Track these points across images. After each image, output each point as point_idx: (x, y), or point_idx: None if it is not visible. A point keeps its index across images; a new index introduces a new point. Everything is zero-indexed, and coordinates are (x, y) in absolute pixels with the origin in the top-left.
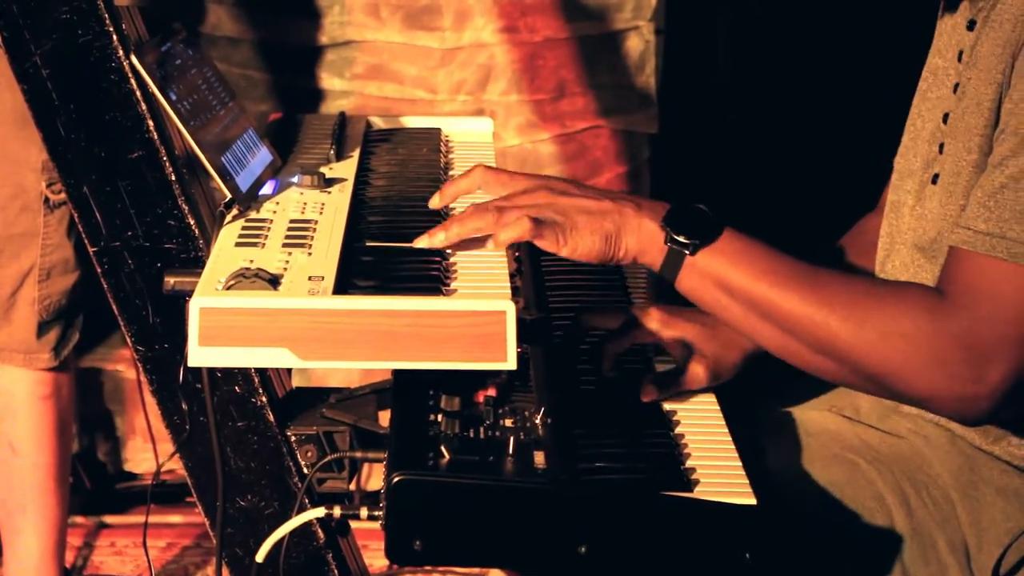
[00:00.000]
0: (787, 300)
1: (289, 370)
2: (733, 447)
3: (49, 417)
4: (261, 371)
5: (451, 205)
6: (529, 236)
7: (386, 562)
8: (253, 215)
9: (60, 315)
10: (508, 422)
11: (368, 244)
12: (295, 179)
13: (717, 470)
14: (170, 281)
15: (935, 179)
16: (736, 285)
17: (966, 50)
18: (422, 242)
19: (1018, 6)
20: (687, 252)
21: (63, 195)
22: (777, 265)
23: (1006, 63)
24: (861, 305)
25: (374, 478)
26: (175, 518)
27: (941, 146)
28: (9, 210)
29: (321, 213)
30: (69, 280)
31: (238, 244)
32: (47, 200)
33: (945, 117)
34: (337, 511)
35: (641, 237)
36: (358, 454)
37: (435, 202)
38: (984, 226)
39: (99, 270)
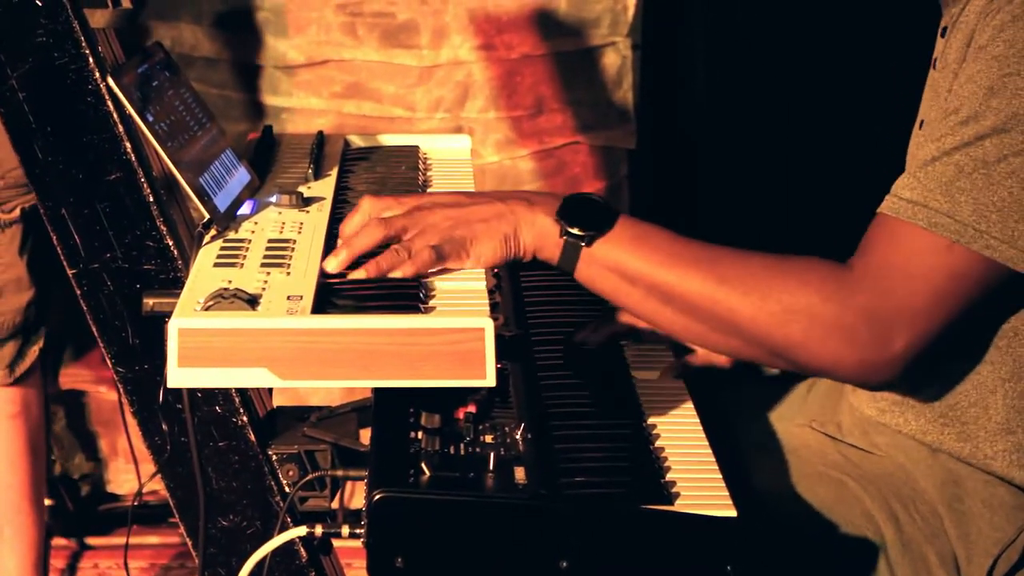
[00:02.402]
0: (686, 281)
1: (270, 389)
2: (714, 460)
3: (20, 434)
4: (242, 391)
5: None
6: (433, 265)
7: None
8: (231, 235)
9: (15, 333)
10: (488, 438)
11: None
12: (273, 199)
13: (698, 483)
14: (149, 302)
15: None
16: (634, 271)
17: (940, 56)
18: (332, 265)
19: (980, 5)
20: (583, 244)
21: (14, 214)
22: (675, 248)
23: (963, 54)
24: (762, 281)
25: (356, 496)
26: (157, 539)
27: None
28: None
29: (300, 232)
30: (23, 299)
31: (216, 264)
32: None
33: (921, 124)
34: (319, 529)
35: (536, 233)
36: (339, 472)
37: (332, 266)
38: (909, 194)
39: (78, 292)
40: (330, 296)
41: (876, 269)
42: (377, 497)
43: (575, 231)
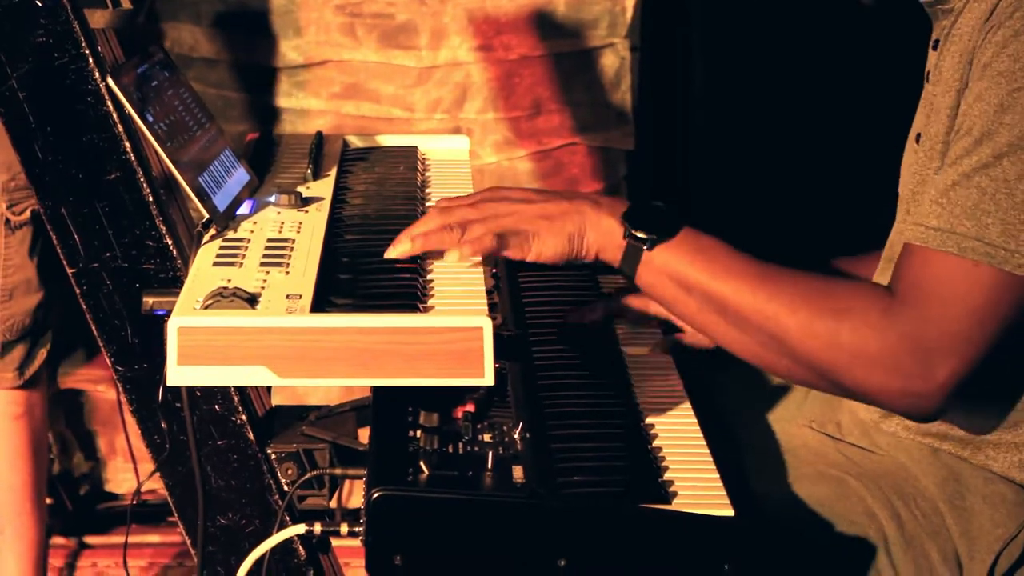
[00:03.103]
0: (740, 296)
1: (269, 388)
2: (711, 459)
3: (22, 436)
4: (241, 390)
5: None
6: (494, 251)
7: None
8: (231, 235)
9: (24, 335)
10: (487, 437)
11: (345, 262)
12: (272, 198)
13: (695, 482)
14: (148, 301)
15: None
16: (692, 280)
17: (932, 69)
18: (391, 252)
19: (976, 18)
20: (644, 247)
21: (25, 216)
22: (732, 262)
23: (963, 70)
24: (812, 303)
25: (355, 495)
26: (156, 538)
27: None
28: None
29: (298, 232)
30: (32, 300)
31: (216, 264)
32: (8, 221)
33: (918, 138)
34: (318, 528)
35: (601, 234)
36: (338, 471)
37: (393, 253)
38: (936, 222)
39: (78, 291)
40: (329, 295)
41: (914, 299)
42: (376, 495)
43: (639, 234)
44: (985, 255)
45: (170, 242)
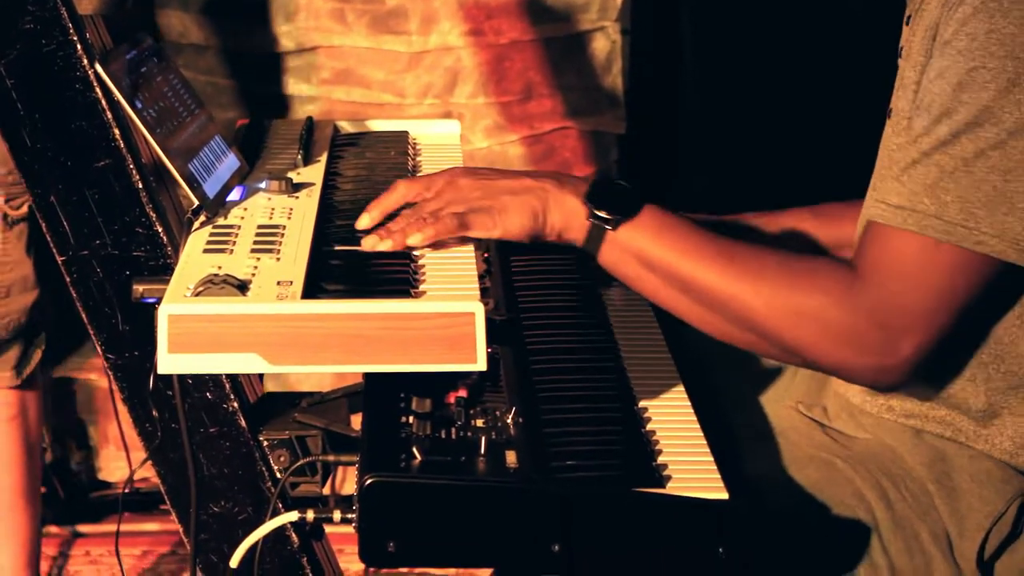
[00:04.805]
0: (704, 274)
1: (261, 375)
2: (704, 443)
3: (16, 437)
4: (232, 377)
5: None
6: (458, 231)
7: (362, 566)
8: (221, 221)
9: (20, 334)
10: (479, 422)
11: (336, 248)
12: (263, 184)
13: (689, 465)
14: (139, 289)
15: None
16: (655, 259)
17: (905, 45)
18: (362, 221)
19: None
20: (608, 227)
21: (23, 211)
22: (696, 240)
23: (928, 45)
24: (775, 279)
25: (348, 482)
26: (149, 526)
27: None
28: None
29: (289, 218)
30: (29, 298)
31: (206, 251)
32: (6, 216)
33: (889, 113)
34: (310, 515)
35: (564, 213)
36: (331, 458)
37: (364, 222)
38: (896, 200)
39: (68, 279)
40: (320, 281)
41: (876, 276)
42: (369, 482)
43: (601, 214)
44: (945, 232)
45: (160, 229)
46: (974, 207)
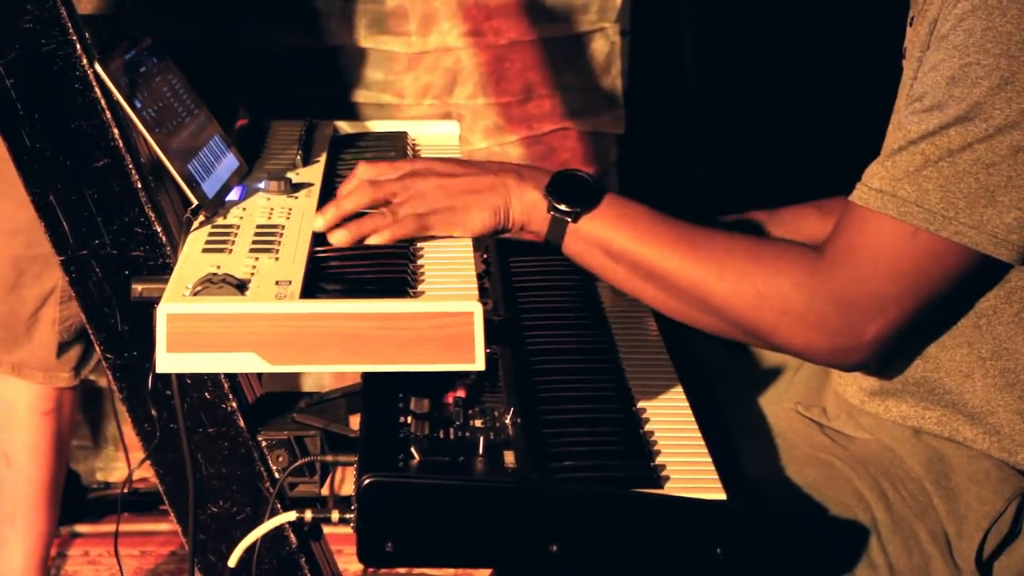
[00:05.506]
0: (667, 260)
1: (260, 375)
2: (703, 443)
3: (48, 432)
4: (231, 376)
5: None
6: (420, 232)
7: (361, 567)
8: (220, 221)
9: (79, 336)
10: (478, 422)
11: (335, 248)
12: (262, 185)
13: (687, 466)
14: (137, 288)
15: None
16: (618, 248)
17: (908, 46)
18: (317, 223)
19: None
20: (569, 220)
21: None
22: (658, 227)
23: (926, 40)
24: (739, 264)
25: (347, 482)
26: (148, 526)
27: None
28: (32, 231)
29: (288, 218)
30: None
31: (205, 250)
32: None
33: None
34: (309, 515)
35: (525, 207)
36: (329, 458)
37: (319, 224)
38: (878, 183)
39: (67, 279)
40: (319, 281)
41: (847, 257)
42: (367, 482)
43: (562, 207)
44: (923, 220)
45: (159, 229)
46: (955, 197)
